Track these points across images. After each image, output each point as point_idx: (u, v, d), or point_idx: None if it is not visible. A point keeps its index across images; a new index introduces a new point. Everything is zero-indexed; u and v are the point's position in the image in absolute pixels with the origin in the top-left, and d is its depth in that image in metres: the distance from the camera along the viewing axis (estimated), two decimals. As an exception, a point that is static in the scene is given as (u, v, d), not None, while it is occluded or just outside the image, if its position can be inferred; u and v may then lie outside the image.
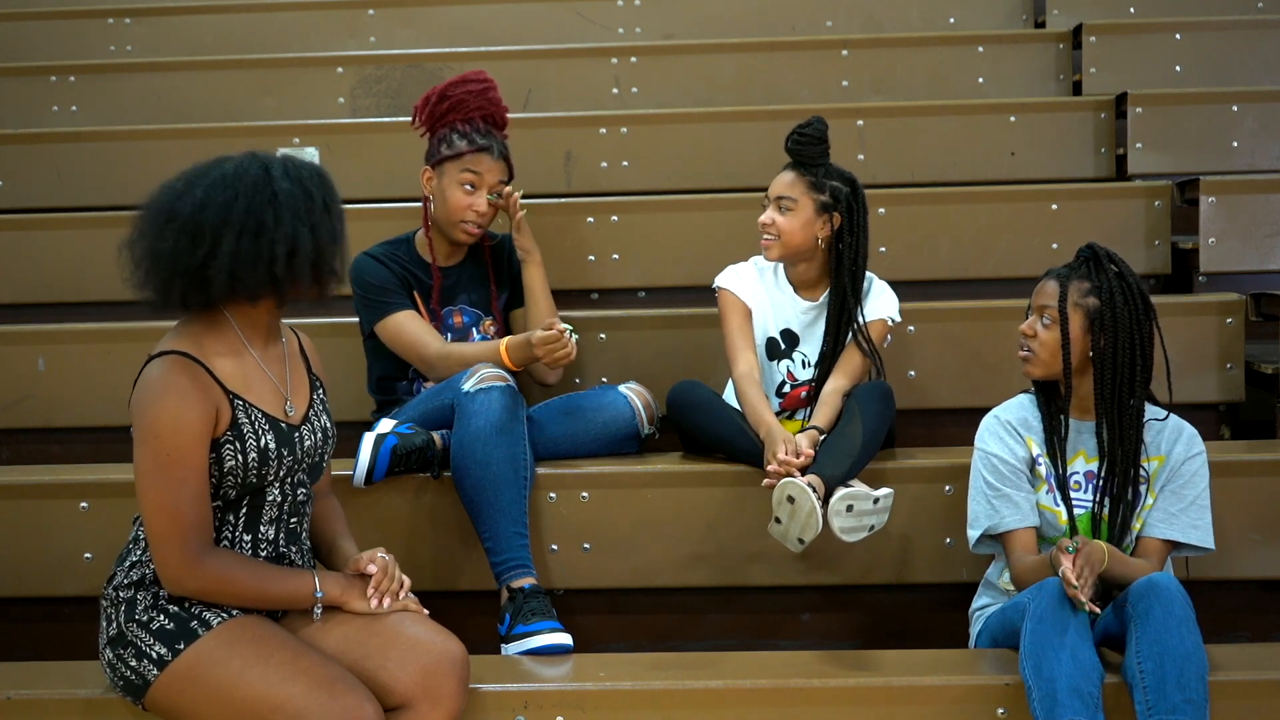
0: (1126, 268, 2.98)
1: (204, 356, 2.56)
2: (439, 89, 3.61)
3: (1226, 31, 5.01)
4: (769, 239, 3.45)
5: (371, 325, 3.56)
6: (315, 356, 2.83)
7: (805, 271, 3.51)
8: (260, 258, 2.51)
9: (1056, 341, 2.97)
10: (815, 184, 3.43)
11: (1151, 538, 2.97)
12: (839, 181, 3.45)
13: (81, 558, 3.33)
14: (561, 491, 3.37)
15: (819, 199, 3.42)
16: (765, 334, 3.54)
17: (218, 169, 2.55)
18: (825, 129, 3.45)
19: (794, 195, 3.43)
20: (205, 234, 2.50)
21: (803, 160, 3.45)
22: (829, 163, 3.47)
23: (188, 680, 2.53)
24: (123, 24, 5.59)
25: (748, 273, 3.56)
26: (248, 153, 2.59)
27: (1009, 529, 2.97)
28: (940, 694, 2.85)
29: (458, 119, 3.58)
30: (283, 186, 2.52)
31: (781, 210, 3.44)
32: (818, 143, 3.44)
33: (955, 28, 5.44)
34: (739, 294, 3.52)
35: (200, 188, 2.52)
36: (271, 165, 2.56)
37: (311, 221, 2.54)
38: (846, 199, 3.44)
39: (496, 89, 3.65)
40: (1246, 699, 2.83)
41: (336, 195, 2.62)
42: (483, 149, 3.55)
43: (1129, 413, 2.95)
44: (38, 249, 4.34)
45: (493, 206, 3.58)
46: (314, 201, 2.55)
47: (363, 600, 2.65)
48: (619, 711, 2.85)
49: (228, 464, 2.56)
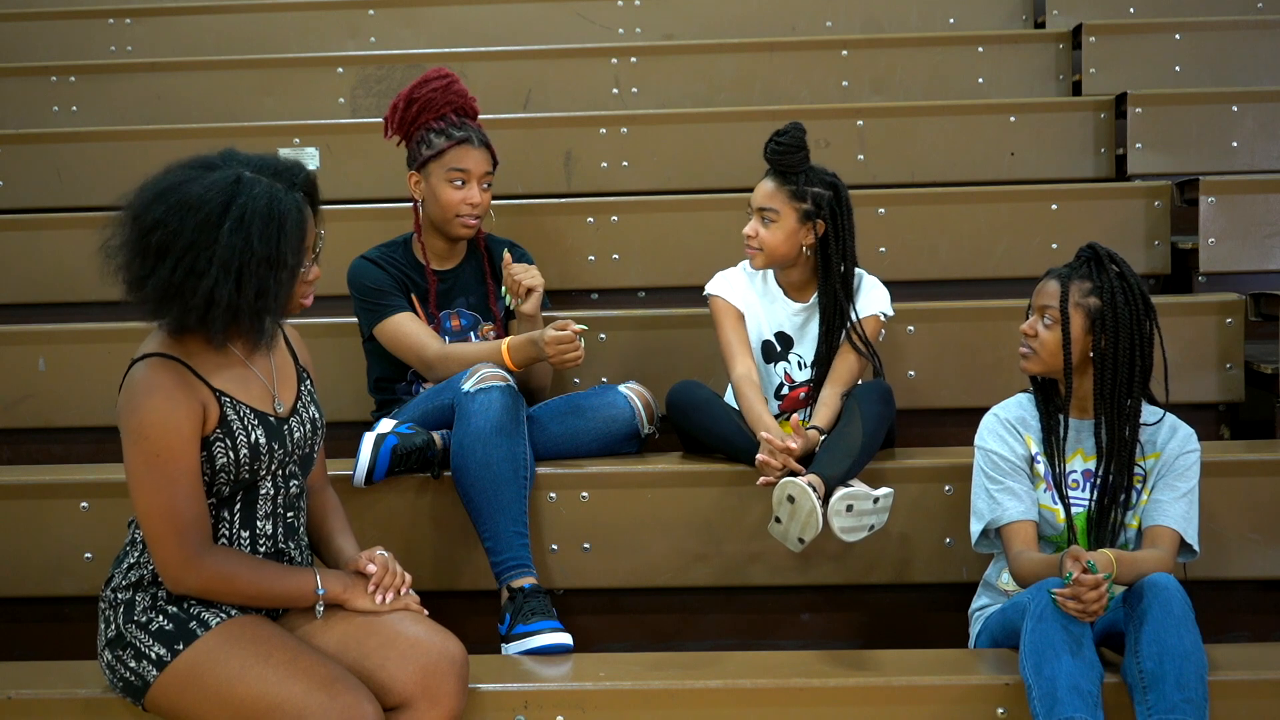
0: (1128, 268, 2.98)
1: (187, 356, 2.55)
2: (404, 95, 3.60)
3: (1226, 31, 5.01)
4: (753, 250, 3.45)
5: (370, 328, 3.56)
6: (302, 347, 2.81)
7: (793, 275, 3.51)
8: (182, 296, 2.47)
9: (1057, 341, 2.97)
10: (796, 193, 3.40)
11: (1159, 525, 2.95)
12: (820, 187, 3.41)
13: (81, 558, 3.33)
14: (561, 491, 3.37)
15: (801, 208, 3.40)
16: (760, 337, 3.54)
17: (195, 184, 2.48)
18: (803, 134, 3.41)
19: (775, 206, 3.41)
20: (150, 254, 2.47)
21: (782, 169, 3.42)
22: (810, 167, 3.44)
23: (187, 680, 2.53)
24: (123, 24, 5.59)
25: (737, 278, 3.56)
26: (233, 171, 2.50)
27: (1011, 520, 2.97)
28: (940, 694, 2.85)
29: (430, 118, 3.57)
30: (225, 233, 2.45)
31: (764, 222, 3.42)
32: (796, 150, 3.40)
33: (955, 28, 5.44)
34: (730, 299, 3.51)
35: (165, 204, 2.47)
36: (235, 201, 2.46)
37: (240, 276, 2.46)
38: (829, 204, 3.41)
39: (459, 81, 3.64)
40: (1246, 699, 2.84)
41: (295, 243, 2.51)
42: (462, 141, 3.55)
43: (1127, 412, 2.96)
44: (38, 249, 4.34)
45: (485, 195, 3.57)
46: (252, 255, 2.46)
47: (365, 597, 2.65)
48: (619, 711, 2.85)
49: (219, 461, 2.56)
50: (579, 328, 3.28)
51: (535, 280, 3.51)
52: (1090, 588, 2.65)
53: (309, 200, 2.59)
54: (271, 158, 2.59)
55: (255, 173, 2.52)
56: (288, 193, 2.52)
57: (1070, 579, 2.66)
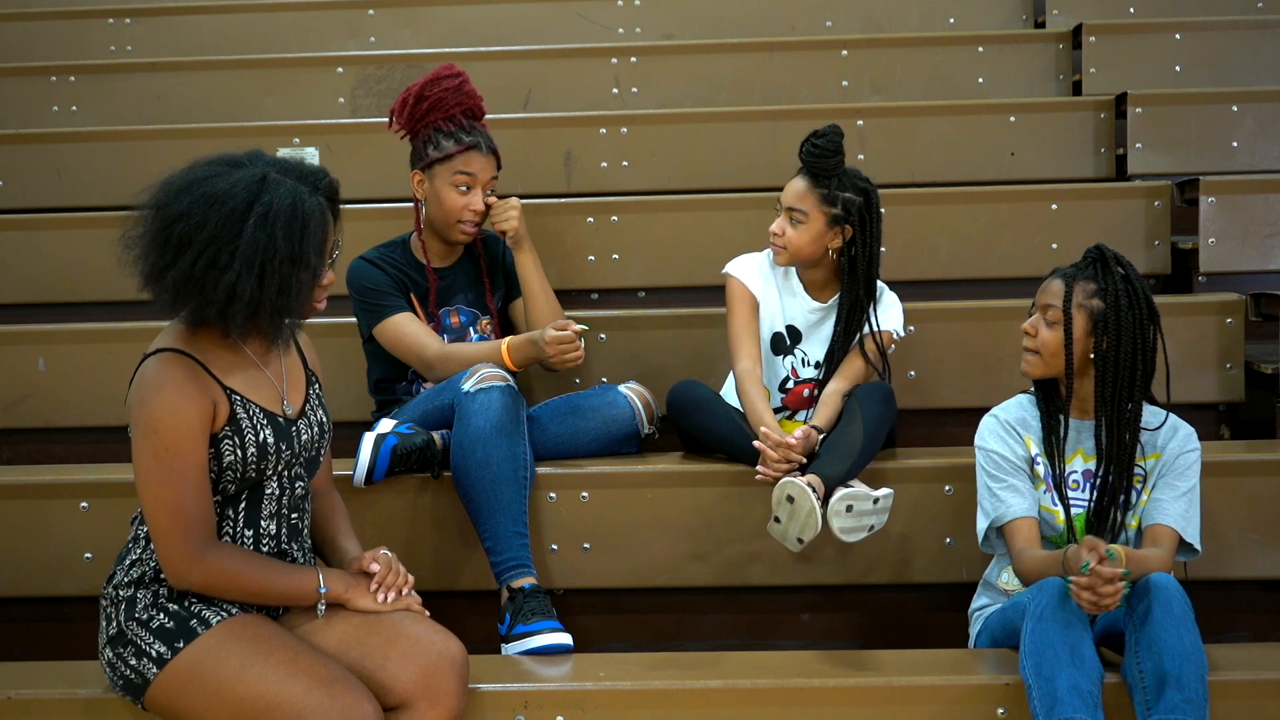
0: (1134, 271, 2.97)
1: (199, 353, 2.56)
2: (415, 90, 3.58)
3: (1226, 31, 5.01)
4: (778, 247, 3.44)
5: (370, 329, 3.56)
6: (311, 351, 2.82)
7: (815, 275, 3.50)
8: (203, 291, 2.48)
9: (1059, 341, 2.97)
10: (827, 196, 3.38)
11: (1159, 524, 2.94)
12: (852, 193, 3.40)
13: (81, 558, 3.34)
14: (561, 491, 3.37)
15: (830, 212, 3.39)
16: (772, 328, 3.53)
17: (221, 180, 2.50)
18: (841, 138, 3.39)
19: (805, 208, 3.40)
20: (170, 246, 2.48)
21: (816, 171, 3.40)
22: (844, 171, 3.42)
23: (187, 679, 2.54)
24: (123, 24, 5.59)
25: (761, 264, 3.54)
26: (259, 170, 2.52)
27: (1014, 516, 2.96)
28: (940, 694, 2.85)
29: (439, 118, 3.56)
30: (250, 228, 2.46)
31: (792, 222, 3.41)
32: (833, 154, 3.38)
33: (955, 28, 5.44)
34: (748, 284, 3.50)
35: (190, 196, 2.49)
36: (260, 198, 2.48)
37: (263, 272, 2.48)
38: (859, 210, 3.40)
39: (469, 80, 3.63)
40: (1246, 699, 2.84)
41: (317, 244, 2.54)
42: (471, 147, 3.54)
43: (1127, 416, 2.96)
44: (38, 249, 4.34)
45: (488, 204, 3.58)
46: (276, 252, 2.48)
47: (366, 597, 2.66)
48: (619, 711, 2.85)
49: (226, 459, 2.56)
50: (579, 328, 3.29)
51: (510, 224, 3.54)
52: (1107, 580, 2.63)
53: (330, 206, 2.60)
54: (297, 161, 2.61)
55: (281, 174, 2.54)
56: (312, 195, 2.54)
57: (1088, 568, 2.64)
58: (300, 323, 2.69)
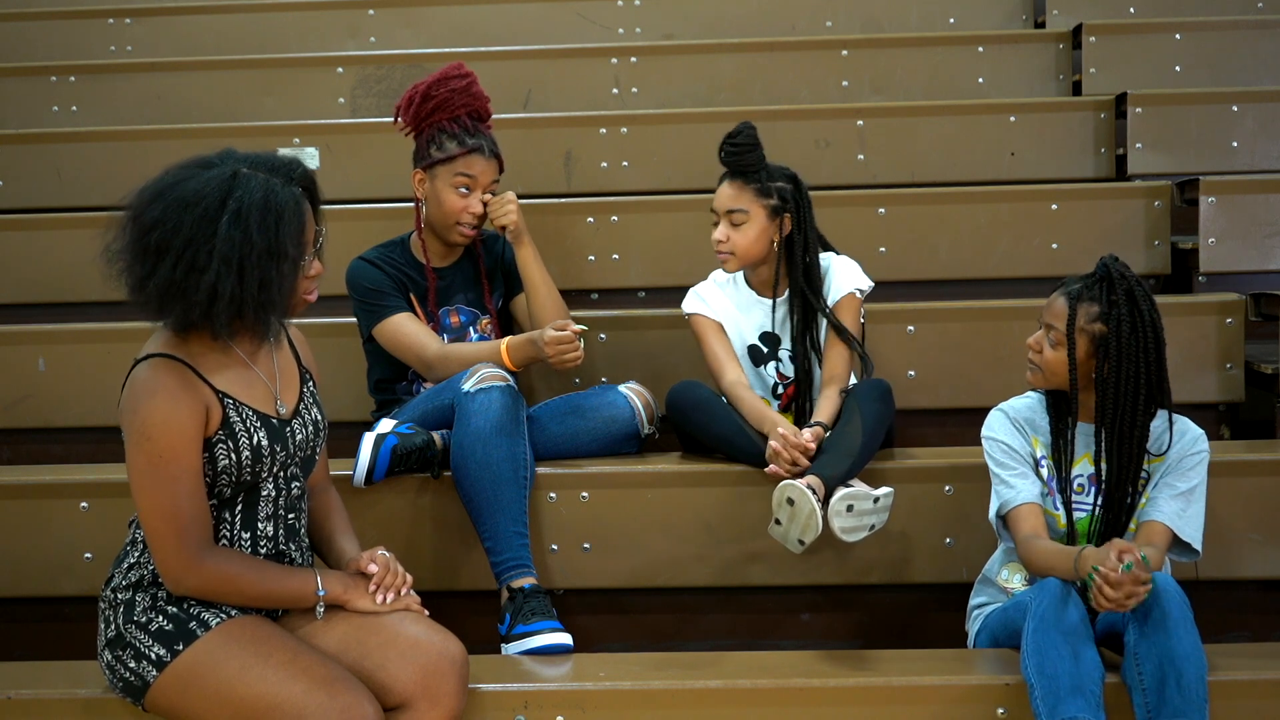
0: (1141, 289, 2.92)
1: (190, 357, 2.55)
2: (421, 88, 3.58)
3: (1226, 31, 5.01)
4: (725, 255, 3.45)
5: (370, 329, 3.56)
6: (305, 348, 2.81)
7: (764, 273, 3.52)
8: (186, 294, 2.47)
9: (1061, 362, 2.95)
10: (762, 189, 3.42)
11: (1153, 520, 2.94)
12: (781, 181, 3.44)
13: (81, 558, 3.34)
14: (561, 491, 3.37)
15: (769, 204, 3.42)
16: (744, 343, 3.54)
17: (191, 181, 2.49)
18: (755, 131, 3.43)
19: (743, 206, 3.42)
20: (150, 254, 2.47)
21: (742, 169, 3.43)
22: (767, 164, 3.46)
23: (187, 681, 2.53)
24: (123, 24, 5.59)
25: (710, 290, 3.57)
26: (230, 168, 2.51)
27: (1023, 501, 2.95)
28: (940, 694, 2.85)
29: (444, 118, 3.56)
30: (223, 226, 2.45)
31: (734, 224, 3.43)
32: (751, 149, 3.42)
33: (955, 28, 5.44)
34: (707, 314, 3.53)
35: (164, 202, 2.48)
36: (232, 195, 2.47)
37: (242, 269, 2.46)
38: (793, 196, 3.44)
39: (477, 82, 3.62)
40: (1246, 699, 2.84)
41: (294, 234, 2.51)
42: (474, 150, 3.54)
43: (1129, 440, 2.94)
44: (38, 249, 4.34)
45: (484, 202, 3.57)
46: (253, 247, 2.46)
47: (365, 598, 2.65)
48: (619, 711, 2.85)
49: (221, 463, 2.56)
50: (579, 328, 3.29)
51: (508, 218, 3.53)
52: (1142, 582, 2.64)
53: (308, 195, 2.59)
54: (269, 155, 2.60)
55: (252, 169, 2.52)
56: (285, 186, 2.52)
57: (1130, 567, 2.63)
58: (288, 318, 2.67)
